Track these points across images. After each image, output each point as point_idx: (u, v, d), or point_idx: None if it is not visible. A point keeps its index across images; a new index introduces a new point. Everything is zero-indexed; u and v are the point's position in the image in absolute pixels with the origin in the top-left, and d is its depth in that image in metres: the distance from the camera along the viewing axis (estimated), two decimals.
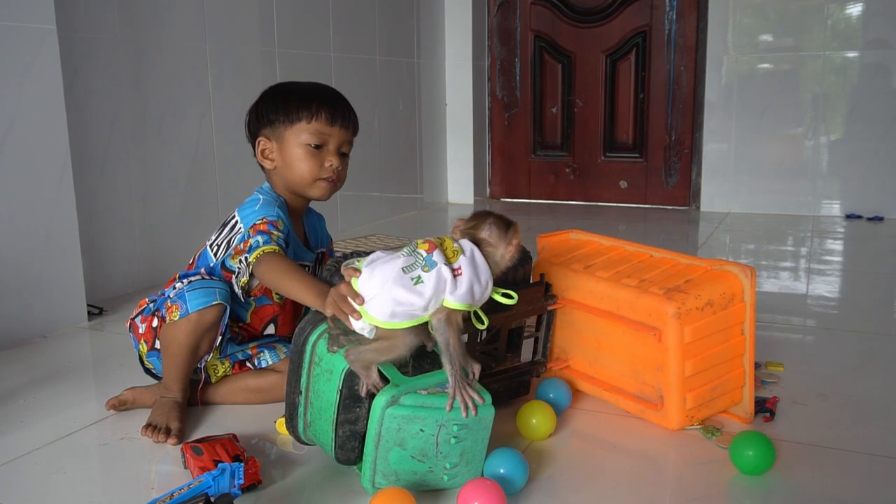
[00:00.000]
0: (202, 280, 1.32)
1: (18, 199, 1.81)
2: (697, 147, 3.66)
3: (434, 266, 1.03)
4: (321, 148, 1.37)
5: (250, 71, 2.66)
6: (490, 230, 1.09)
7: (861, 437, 1.26)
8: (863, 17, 3.29)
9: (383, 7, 3.37)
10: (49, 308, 1.88)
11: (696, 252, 2.73)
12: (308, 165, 1.36)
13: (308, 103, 1.37)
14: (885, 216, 3.33)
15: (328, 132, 1.37)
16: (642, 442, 1.26)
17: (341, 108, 1.39)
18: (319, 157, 1.37)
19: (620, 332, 1.32)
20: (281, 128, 1.37)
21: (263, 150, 1.40)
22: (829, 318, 1.97)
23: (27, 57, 1.80)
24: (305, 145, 1.36)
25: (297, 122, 1.36)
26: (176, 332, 1.29)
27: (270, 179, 1.42)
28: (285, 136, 1.37)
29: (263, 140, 1.40)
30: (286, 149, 1.37)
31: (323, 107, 1.37)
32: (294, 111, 1.36)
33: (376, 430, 1.02)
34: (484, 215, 1.11)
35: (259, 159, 1.41)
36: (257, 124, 1.41)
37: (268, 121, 1.39)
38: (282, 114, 1.37)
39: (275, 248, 1.26)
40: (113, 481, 1.17)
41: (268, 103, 1.40)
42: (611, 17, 3.77)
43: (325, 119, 1.36)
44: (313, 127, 1.36)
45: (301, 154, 1.37)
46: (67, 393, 1.50)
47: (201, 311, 1.27)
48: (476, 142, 3.97)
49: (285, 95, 1.40)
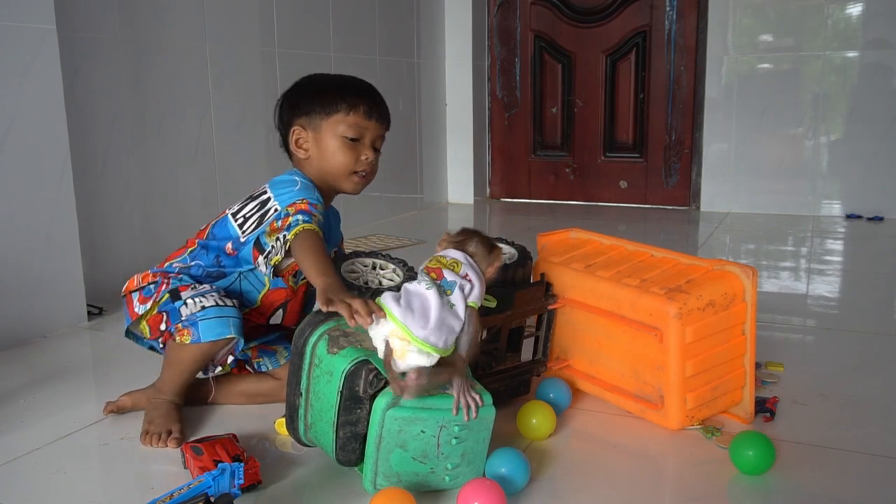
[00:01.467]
0: (217, 307, 1.27)
1: (18, 199, 1.81)
2: (697, 147, 3.66)
3: (454, 286, 1.06)
4: (357, 141, 1.36)
5: (250, 71, 2.66)
6: (477, 247, 1.15)
7: (861, 437, 1.26)
8: (863, 17, 3.29)
9: (383, 7, 3.37)
10: (49, 308, 1.88)
11: (696, 252, 2.73)
12: (344, 158, 1.36)
13: (347, 95, 1.36)
14: (885, 216, 3.33)
15: (366, 125, 1.36)
16: (642, 442, 1.26)
17: (378, 101, 1.39)
18: (356, 150, 1.36)
19: (621, 331, 1.32)
20: (318, 118, 1.36)
21: (298, 139, 1.38)
22: (829, 318, 1.97)
23: (27, 57, 1.80)
24: (342, 137, 1.35)
25: (334, 113, 1.35)
26: (183, 355, 1.28)
27: (301, 168, 1.40)
28: (322, 126, 1.36)
29: (298, 129, 1.38)
30: (322, 139, 1.36)
31: (361, 99, 1.36)
32: (332, 102, 1.35)
33: (377, 431, 1.01)
34: (472, 233, 1.17)
35: (293, 148, 1.39)
36: (291, 113, 1.39)
37: (304, 111, 1.37)
38: (319, 104, 1.36)
39: (315, 228, 1.24)
40: (113, 481, 1.17)
41: (304, 93, 1.39)
42: (611, 17, 3.77)
43: (363, 112, 1.36)
44: (351, 119, 1.35)
45: (337, 146, 1.36)
46: (67, 393, 1.50)
47: (215, 342, 1.26)
48: (476, 142, 3.97)
49: (323, 86, 1.39)
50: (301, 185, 1.33)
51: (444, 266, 1.08)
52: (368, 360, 1.04)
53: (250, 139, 2.64)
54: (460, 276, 1.07)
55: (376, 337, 1.03)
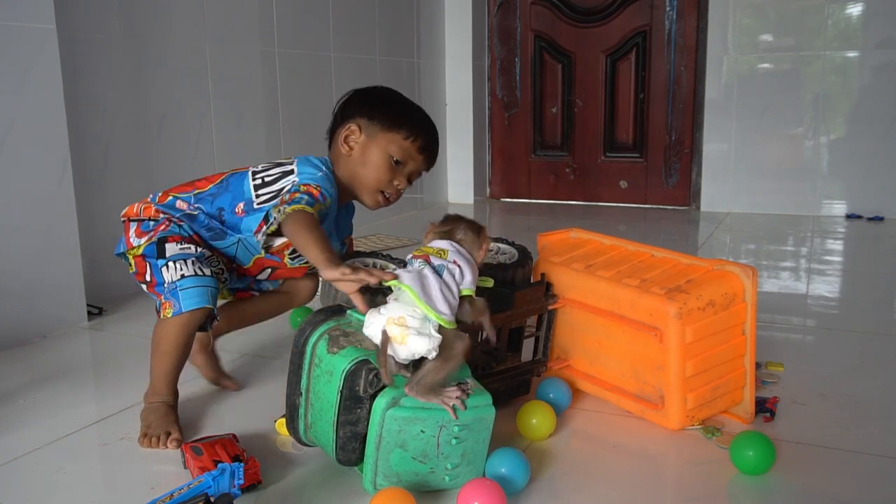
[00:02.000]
0: (195, 277, 1.29)
1: (18, 199, 1.81)
2: (697, 147, 3.66)
3: (442, 270, 1.06)
4: (401, 165, 1.39)
5: (250, 71, 2.66)
6: (465, 233, 1.16)
7: (861, 437, 1.26)
8: (863, 17, 3.29)
9: (383, 7, 3.37)
10: (49, 308, 1.88)
11: (696, 252, 2.73)
12: (382, 175, 1.39)
13: (414, 122, 1.40)
14: (886, 216, 3.33)
15: (414, 156, 1.40)
16: (642, 442, 1.26)
17: (435, 143, 1.43)
18: (394, 173, 1.39)
19: (621, 331, 1.32)
20: (378, 126, 1.39)
21: (349, 135, 1.40)
22: (829, 318, 1.97)
23: (27, 57, 1.80)
24: (390, 156, 1.38)
25: (395, 130, 1.38)
26: (168, 328, 1.29)
27: (336, 162, 1.42)
28: (378, 136, 1.39)
29: (354, 127, 1.40)
30: (371, 148, 1.39)
31: (423, 132, 1.40)
32: (399, 120, 1.39)
33: (377, 431, 1.01)
34: (457, 220, 1.17)
35: (339, 142, 1.41)
36: (356, 109, 1.41)
37: (369, 113, 1.39)
38: (387, 115, 1.39)
39: (313, 212, 1.25)
40: (113, 481, 1.17)
41: (378, 99, 1.42)
42: (611, 17, 3.77)
43: (419, 144, 1.39)
44: (406, 144, 1.39)
45: (381, 161, 1.38)
46: (67, 393, 1.50)
47: (192, 312, 1.27)
48: (476, 142, 3.97)
49: (398, 103, 1.43)
50: (324, 174, 1.36)
51: (431, 253, 1.08)
52: (368, 360, 1.04)
53: (250, 139, 2.64)
54: (448, 262, 1.08)
55: (373, 327, 1.02)
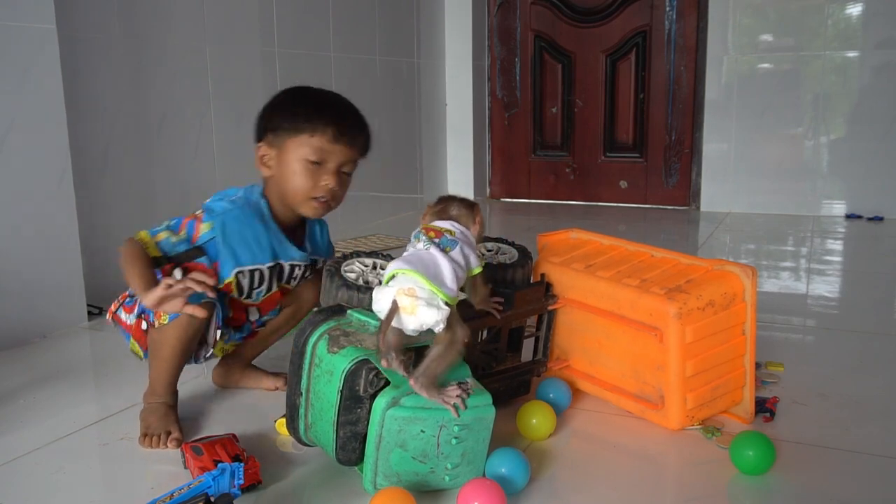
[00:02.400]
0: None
1: (18, 199, 1.81)
2: (697, 147, 3.66)
3: (455, 245, 1.08)
4: (320, 165, 1.31)
5: (250, 71, 2.66)
6: (459, 209, 1.18)
7: (861, 437, 1.26)
8: (863, 17, 3.29)
9: (383, 7, 3.37)
10: (49, 308, 1.88)
11: (696, 252, 2.73)
12: (303, 182, 1.31)
13: (315, 116, 1.31)
14: (886, 216, 3.33)
15: (329, 150, 1.31)
16: (642, 442, 1.26)
17: (351, 125, 1.33)
18: (316, 175, 1.31)
19: (621, 331, 1.32)
20: (284, 136, 1.32)
21: (263, 155, 1.35)
22: (829, 318, 1.97)
23: (27, 57, 1.80)
24: (304, 160, 1.31)
25: (299, 134, 1.31)
26: (166, 335, 1.26)
27: (266, 184, 1.38)
28: (286, 146, 1.32)
29: (264, 146, 1.35)
30: (284, 160, 1.32)
31: (330, 122, 1.31)
32: (299, 122, 1.31)
33: (377, 431, 1.01)
34: (448, 199, 1.20)
35: (257, 165, 1.36)
36: (264, 127, 1.36)
37: (272, 127, 1.34)
38: (287, 122, 1.32)
39: (145, 241, 1.25)
40: (113, 481, 1.17)
41: (277, 108, 1.35)
42: (611, 17, 3.77)
43: (329, 136, 1.30)
44: (315, 142, 1.30)
45: (298, 169, 1.31)
46: (67, 393, 1.50)
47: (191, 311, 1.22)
48: (476, 142, 3.97)
49: (295, 103, 1.35)
50: (234, 201, 1.31)
51: (438, 231, 1.10)
52: (369, 360, 1.04)
53: (250, 139, 2.63)
54: (457, 239, 1.10)
55: (382, 300, 1.02)
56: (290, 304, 1.47)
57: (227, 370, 1.49)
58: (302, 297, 1.48)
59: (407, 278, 1.01)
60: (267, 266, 1.35)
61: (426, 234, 1.09)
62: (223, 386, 1.50)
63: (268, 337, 1.49)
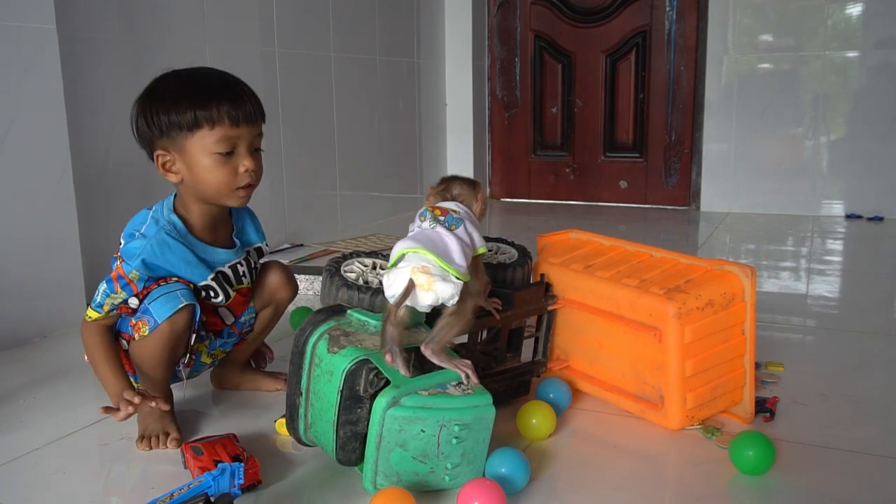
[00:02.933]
0: (158, 287, 1.25)
1: (18, 199, 1.81)
2: (697, 147, 3.66)
3: (460, 223, 1.11)
4: (232, 154, 1.23)
5: (250, 71, 2.65)
6: (461, 187, 1.21)
7: (861, 437, 1.26)
8: (863, 17, 3.29)
9: (383, 7, 3.37)
10: (49, 308, 1.88)
11: (696, 252, 2.73)
12: (221, 176, 1.23)
13: (206, 105, 1.20)
14: (885, 216, 3.33)
15: (236, 135, 1.22)
16: (642, 442, 1.26)
17: (244, 101, 1.23)
18: (232, 164, 1.23)
19: (621, 332, 1.32)
20: (180, 138, 1.22)
21: (164, 163, 1.25)
22: (829, 318, 1.97)
23: (27, 57, 1.80)
24: (213, 154, 1.22)
25: (197, 129, 1.21)
26: (149, 346, 1.24)
27: (178, 191, 1.30)
28: (187, 146, 1.22)
29: (162, 153, 1.24)
30: (191, 160, 1.22)
31: (223, 107, 1.20)
32: (191, 118, 1.20)
33: (377, 431, 1.01)
34: (451, 178, 1.23)
35: (161, 173, 1.26)
36: (149, 133, 1.24)
37: (161, 130, 1.22)
38: (177, 121, 1.21)
39: (100, 317, 1.27)
40: (113, 481, 1.17)
41: (157, 108, 1.22)
42: (611, 17, 3.77)
43: (228, 121, 1.21)
44: (218, 133, 1.21)
45: (210, 164, 1.22)
46: (67, 393, 1.50)
47: (171, 319, 1.22)
48: (476, 142, 3.97)
49: (175, 96, 1.22)
50: (145, 243, 1.24)
51: (443, 210, 1.13)
52: (369, 360, 1.05)
53: None
54: (462, 218, 1.12)
55: (397, 280, 1.02)
56: (262, 299, 1.43)
57: (225, 373, 1.49)
58: (277, 297, 1.44)
59: (418, 257, 1.02)
60: (210, 279, 1.33)
61: (432, 212, 1.12)
62: (221, 389, 1.50)
63: (254, 340, 1.48)
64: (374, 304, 1.17)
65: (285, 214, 2.85)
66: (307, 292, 2.21)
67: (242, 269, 1.40)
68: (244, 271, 1.40)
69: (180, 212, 1.31)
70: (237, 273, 1.39)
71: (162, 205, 1.31)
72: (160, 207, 1.31)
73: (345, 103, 3.11)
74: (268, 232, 1.51)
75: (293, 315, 1.88)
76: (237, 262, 1.38)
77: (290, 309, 1.95)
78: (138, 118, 1.26)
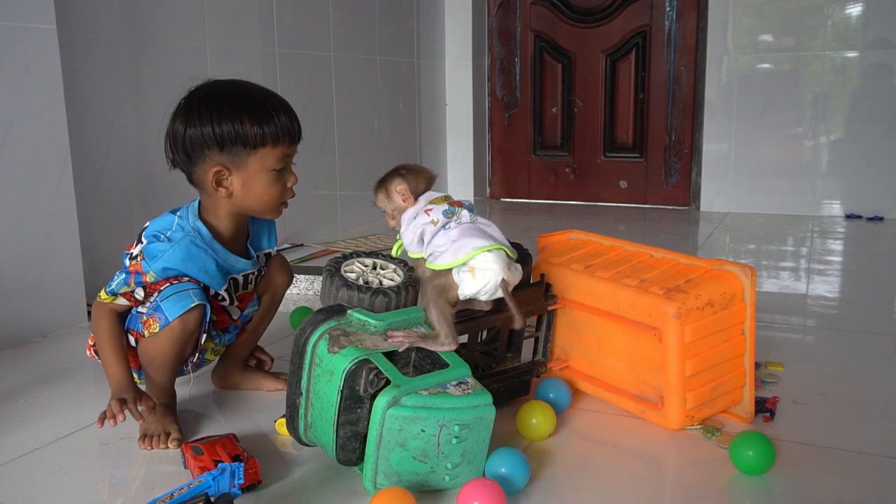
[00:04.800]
0: (171, 285, 1.25)
1: (18, 199, 1.81)
2: (697, 147, 3.66)
3: (473, 209, 1.24)
4: (283, 170, 1.28)
5: (250, 71, 2.65)
6: (420, 175, 1.29)
7: (861, 437, 1.26)
8: (863, 17, 3.29)
9: (383, 7, 3.37)
10: (49, 308, 1.88)
11: (696, 252, 2.73)
12: (275, 191, 1.28)
13: (270, 122, 1.23)
14: (885, 216, 3.33)
15: (291, 152, 1.28)
16: (642, 442, 1.26)
17: (295, 121, 1.28)
18: (282, 180, 1.29)
19: (621, 332, 1.32)
20: (241, 152, 1.23)
21: (219, 179, 1.25)
22: (829, 318, 1.97)
23: (27, 57, 1.80)
24: (271, 171, 1.26)
25: (260, 146, 1.23)
26: (159, 344, 1.24)
27: (209, 201, 1.30)
28: (248, 162, 1.24)
29: (218, 168, 1.24)
30: (250, 177, 1.25)
31: (285, 124, 1.25)
32: (258, 133, 1.22)
33: (377, 430, 1.02)
34: (409, 172, 1.28)
35: (211, 188, 1.26)
36: (202, 144, 1.23)
37: (220, 143, 1.22)
38: (241, 134, 1.22)
39: (113, 301, 1.28)
40: (113, 481, 1.17)
41: (217, 121, 1.22)
42: (611, 17, 3.77)
43: (288, 139, 1.26)
44: (279, 151, 1.25)
45: (267, 181, 1.26)
46: (67, 393, 1.50)
47: (182, 317, 1.22)
48: (476, 142, 3.97)
49: (236, 110, 1.22)
50: (172, 249, 1.25)
51: (458, 202, 1.22)
52: (369, 360, 1.05)
53: None
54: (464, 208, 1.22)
55: (491, 279, 1.16)
56: (260, 286, 1.46)
57: (226, 373, 1.49)
58: (275, 282, 1.47)
59: (498, 255, 1.16)
60: (223, 289, 1.35)
61: (456, 207, 1.20)
62: (223, 388, 1.50)
63: (254, 330, 1.49)
64: (374, 305, 1.17)
65: (285, 214, 2.82)
66: (307, 292, 2.21)
67: (251, 278, 1.42)
68: (252, 279, 1.42)
69: (208, 219, 1.32)
70: (247, 280, 1.41)
71: (187, 210, 1.32)
72: (185, 213, 1.31)
73: (345, 103, 3.11)
74: None
75: (293, 315, 1.88)
76: (251, 272, 1.41)
77: (291, 309, 1.95)
78: (187, 129, 1.24)
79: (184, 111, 1.25)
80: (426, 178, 1.28)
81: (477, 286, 1.15)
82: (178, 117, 1.26)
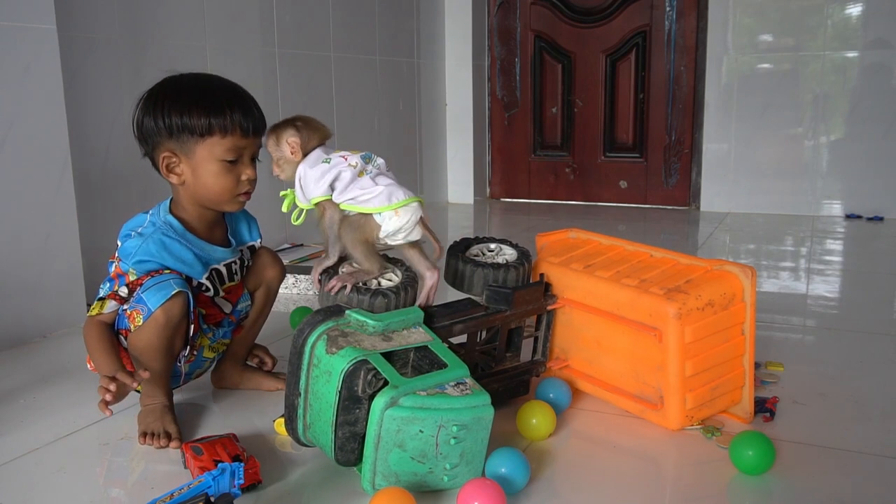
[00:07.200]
0: (151, 278, 1.25)
1: (18, 199, 1.81)
2: (697, 147, 3.66)
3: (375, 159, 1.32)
4: (236, 162, 1.28)
5: (250, 71, 2.66)
6: (311, 126, 1.28)
7: (861, 437, 1.26)
8: (863, 17, 3.29)
9: (383, 7, 3.37)
10: (49, 308, 1.88)
11: (696, 252, 2.73)
12: (225, 183, 1.28)
13: (220, 113, 1.25)
14: (885, 216, 3.33)
15: (243, 144, 1.28)
16: (642, 442, 1.26)
17: (254, 113, 1.29)
18: (235, 172, 1.29)
19: (620, 332, 1.32)
20: (190, 142, 1.26)
21: (168, 164, 1.28)
22: (829, 318, 1.97)
23: (27, 57, 1.80)
24: (220, 161, 1.27)
25: (208, 136, 1.25)
26: (146, 335, 1.24)
27: (176, 193, 1.33)
28: (196, 150, 1.26)
29: (168, 154, 1.28)
30: (198, 165, 1.27)
31: (237, 117, 1.26)
32: (205, 123, 1.25)
33: (375, 431, 1.02)
34: (303, 125, 1.26)
35: (163, 174, 1.30)
36: (157, 135, 1.27)
37: (170, 129, 1.26)
38: (189, 125, 1.25)
39: (99, 313, 1.28)
40: (113, 481, 1.17)
41: (168, 110, 1.25)
42: (611, 17, 3.77)
43: (240, 131, 1.26)
44: (229, 142, 1.26)
45: (216, 171, 1.27)
46: (67, 393, 1.50)
47: (165, 306, 1.22)
48: (476, 142, 3.97)
49: (189, 101, 1.26)
50: (143, 242, 1.27)
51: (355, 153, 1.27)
52: (367, 361, 1.05)
53: None
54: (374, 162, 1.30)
55: (412, 221, 1.22)
56: (252, 281, 1.46)
57: (225, 373, 1.49)
58: (266, 277, 1.47)
59: (417, 206, 1.23)
60: (205, 278, 1.35)
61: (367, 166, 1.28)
62: (222, 388, 1.50)
63: (251, 328, 1.49)
64: (374, 305, 1.17)
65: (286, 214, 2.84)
66: (307, 292, 2.21)
67: (235, 268, 1.42)
68: (236, 269, 1.42)
69: (177, 213, 1.34)
70: (230, 271, 1.41)
71: (158, 208, 1.34)
72: (157, 210, 1.34)
73: (345, 103, 3.11)
74: (268, 232, 1.51)
75: (293, 315, 1.88)
76: (232, 260, 1.41)
77: (290, 309, 1.95)
78: (144, 117, 1.29)
79: (145, 100, 1.30)
80: (321, 134, 1.28)
81: (399, 222, 1.20)
82: (140, 106, 1.30)
